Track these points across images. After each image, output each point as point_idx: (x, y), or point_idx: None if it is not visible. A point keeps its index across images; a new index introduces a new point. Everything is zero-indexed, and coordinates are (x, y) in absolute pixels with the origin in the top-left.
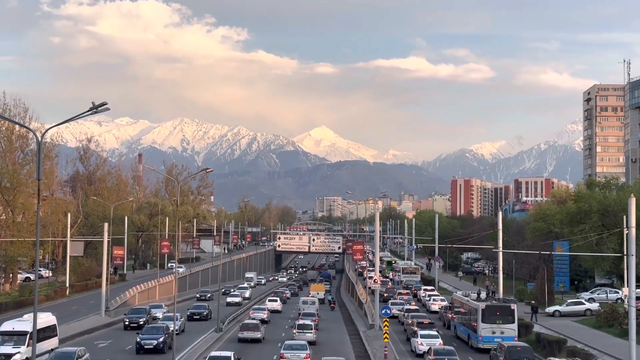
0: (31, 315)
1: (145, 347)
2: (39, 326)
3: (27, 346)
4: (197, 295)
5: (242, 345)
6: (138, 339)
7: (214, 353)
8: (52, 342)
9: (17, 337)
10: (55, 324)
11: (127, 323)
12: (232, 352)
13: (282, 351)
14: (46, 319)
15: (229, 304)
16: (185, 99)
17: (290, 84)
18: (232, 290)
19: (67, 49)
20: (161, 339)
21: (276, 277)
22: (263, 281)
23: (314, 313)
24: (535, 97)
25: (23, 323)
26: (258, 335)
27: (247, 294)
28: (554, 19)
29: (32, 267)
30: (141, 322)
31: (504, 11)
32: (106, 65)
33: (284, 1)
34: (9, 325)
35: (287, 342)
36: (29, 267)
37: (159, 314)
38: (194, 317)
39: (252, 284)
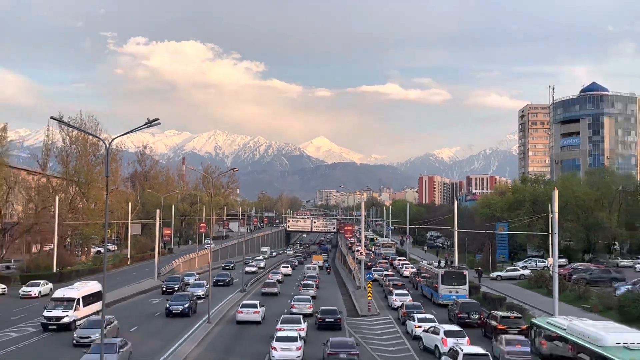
0: (80, 283)
1: (173, 311)
2: (87, 293)
3: (74, 310)
4: (222, 265)
5: (264, 298)
6: (167, 305)
7: (245, 301)
8: (98, 305)
9: (66, 302)
10: (100, 291)
11: (164, 289)
12: (258, 301)
13: (292, 302)
14: (93, 286)
15: (247, 272)
16: (217, 115)
17: (296, 104)
18: (250, 261)
19: (128, 78)
20: (187, 305)
21: (285, 251)
22: (274, 254)
23: (315, 276)
24: (482, 114)
25: (72, 291)
26: (275, 290)
27: (262, 264)
28: (496, 54)
29: (102, 242)
30: (176, 288)
31: (458, 49)
32: (157, 90)
33: (292, 43)
34: (60, 293)
35: (295, 296)
36: (100, 243)
37: (191, 280)
38: (219, 283)
39: (267, 256)
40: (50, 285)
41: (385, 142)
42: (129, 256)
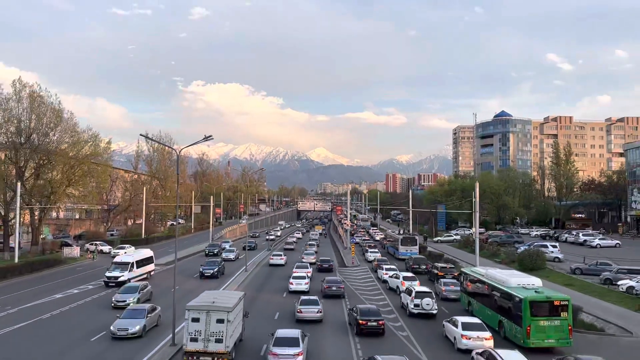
0: (136, 250)
1: (205, 274)
2: (140, 258)
3: (129, 271)
4: (250, 234)
5: (286, 251)
6: (201, 270)
7: (274, 253)
8: (150, 267)
9: (123, 265)
10: (152, 256)
11: (206, 253)
12: (282, 253)
13: (302, 255)
14: (145, 253)
15: (267, 240)
16: (251, 132)
17: (304, 125)
18: (270, 231)
19: (191, 108)
20: (216, 270)
21: (296, 224)
22: (287, 226)
23: (317, 239)
24: (429, 132)
25: (128, 256)
26: (293, 247)
27: (278, 233)
28: (438, 92)
29: (174, 218)
30: (215, 252)
31: (413, 88)
32: (210, 116)
33: (301, 84)
34: (118, 258)
35: (305, 251)
36: (173, 218)
37: (225, 246)
38: (247, 248)
39: (282, 227)
40: (132, 247)
41: (364, 150)
42: (192, 227)
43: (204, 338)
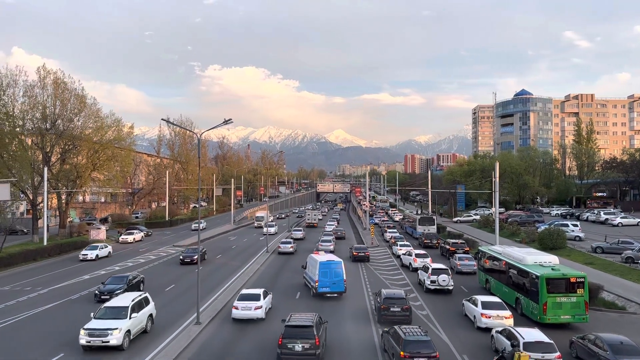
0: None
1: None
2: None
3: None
4: (277, 216)
5: (308, 229)
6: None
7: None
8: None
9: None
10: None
11: (298, 215)
12: (302, 229)
13: (327, 223)
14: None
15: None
16: (269, 116)
17: (321, 108)
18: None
19: (209, 92)
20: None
21: (312, 206)
22: (271, 219)
23: (339, 211)
24: (447, 112)
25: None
26: (316, 221)
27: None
28: (455, 71)
29: (197, 200)
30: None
31: (429, 68)
32: (228, 100)
33: (316, 67)
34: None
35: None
36: (195, 200)
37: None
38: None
39: (262, 223)
40: (141, 233)
41: (381, 131)
42: (214, 209)
43: (312, 219)
